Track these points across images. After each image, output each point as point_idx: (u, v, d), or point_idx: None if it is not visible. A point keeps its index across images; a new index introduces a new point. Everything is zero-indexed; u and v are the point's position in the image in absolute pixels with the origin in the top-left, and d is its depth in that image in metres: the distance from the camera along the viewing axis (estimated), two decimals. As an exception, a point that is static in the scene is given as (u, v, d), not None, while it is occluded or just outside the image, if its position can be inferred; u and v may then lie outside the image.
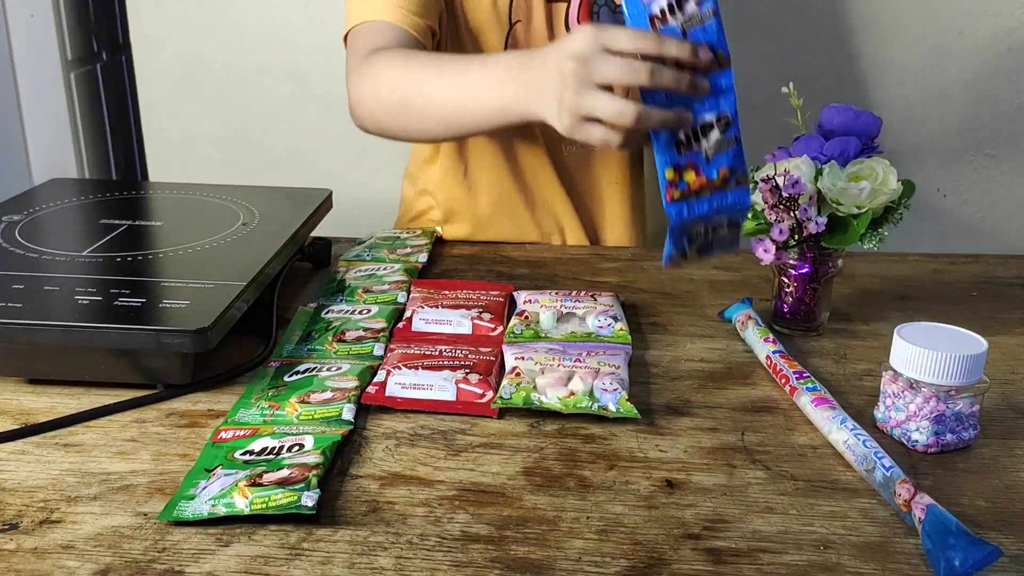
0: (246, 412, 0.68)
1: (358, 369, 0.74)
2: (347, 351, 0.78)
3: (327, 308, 0.86)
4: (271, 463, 0.61)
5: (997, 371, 0.77)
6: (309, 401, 0.69)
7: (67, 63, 1.74)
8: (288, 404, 0.69)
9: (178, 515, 0.57)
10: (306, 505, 0.56)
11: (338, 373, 0.73)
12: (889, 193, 0.78)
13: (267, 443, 0.63)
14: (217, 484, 0.59)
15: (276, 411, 0.68)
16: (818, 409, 0.68)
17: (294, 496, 0.57)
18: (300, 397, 0.70)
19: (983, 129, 1.50)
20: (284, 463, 0.61)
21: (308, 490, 0.58)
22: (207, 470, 0.61)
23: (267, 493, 0.57)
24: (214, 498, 0.57)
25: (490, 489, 0.61)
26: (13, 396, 0.72)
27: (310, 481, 0.58)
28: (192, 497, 0.58)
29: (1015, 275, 1.00)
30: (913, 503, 0.56)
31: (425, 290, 0.89)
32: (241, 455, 0.62)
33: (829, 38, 1.46)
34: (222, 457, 0.62)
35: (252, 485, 0.58)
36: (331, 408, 0.68)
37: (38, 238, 0.87)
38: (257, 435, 0.65)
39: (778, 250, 0.80)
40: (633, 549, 0.55)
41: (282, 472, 0.59)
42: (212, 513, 0.56)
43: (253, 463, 0.61)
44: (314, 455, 0.62)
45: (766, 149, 0.85)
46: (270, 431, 0.65)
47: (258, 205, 0.98)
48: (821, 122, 0.83)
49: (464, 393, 0.71)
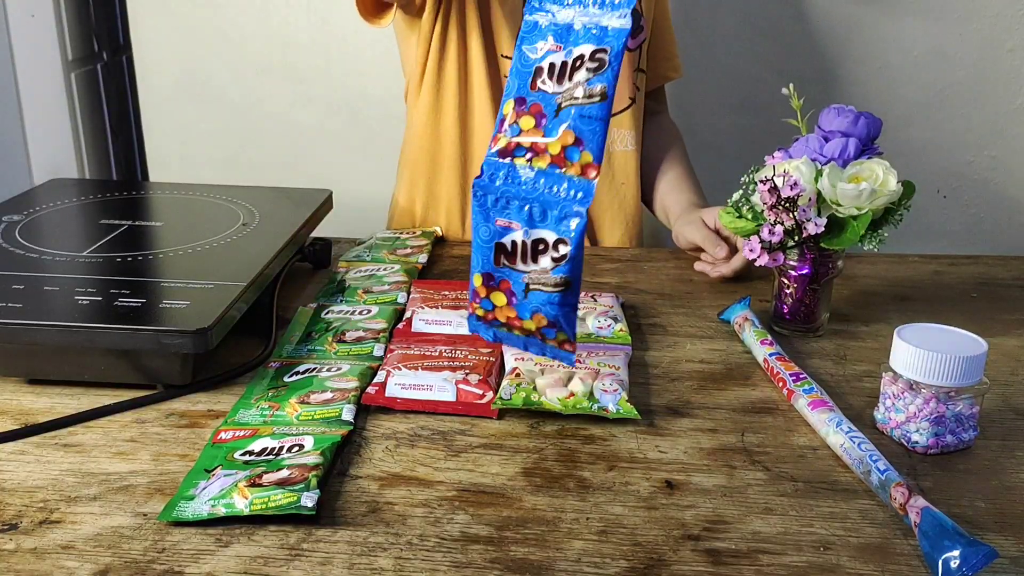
0: (246, 412, 0.68)
1: (358, 370, 0.74)
2: (347, 351, 0.78)
3: (327, 308, 0.86)
4: (271, 463, 0.61)
5: (997, 372, 0.77)
6: (309, 401, 0.69)
7: (67, 63, 1.74)
8: (288, 405, 0.69)
9: (177, 515, 0.57)
10: (305, 505, 0.56)
11: (338, 373, 0.73)
12: (889, 194, 0.78)
13: (267, 443, 0.63)
14: (217, 484, 0.59)
15: (276, 411, 0.68)
16: (815, 412, 0.68)
17: (294, 496, 0.57)
18: (300, 397, 0.70)
19: (983, 130, 1.50)
20: (284, 463, 0.61)
21: (308, 490, 0.58)
22: (207, 470, 0.61)
23: (267, 494, 0.57)
24: (214, 498, 0.57)
25: (490, 490, 0.61)
26: (13, 396, 0.72)
27: (310, 482, 0.59)
28: (192, 497, 0.58)
29: (1015, 276, 1.00)
30: (908, 506, 0.56)
31: (425, 291, 0.89)
32: (241, 455, 0.62)
33: (829, 39, 1.46)
34: (221, 458, 0.62)
35: (252, 486, 0.58)
36: (331, 408, 0.68)
37: (38, 238, 0.87)
38: (257, 435, 0.65)
39: (775, 251, 0.80)
40: (633, 550, 0.55)
41: (282, 472, 0.60)
42: (212, 514, 0.56)
43: (253, 463, 0.61)
44: (314, 455, 0.62)
45: (766, 150, 0.85)
46: (270, 431, 0.65)
47: (258, 205, 0.98)
48: (821, 123, 0.83)
49: (464, 394, 0.71)
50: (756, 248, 0.79)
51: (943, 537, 0.52)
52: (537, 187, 0.62)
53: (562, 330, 0.63)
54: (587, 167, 0.61)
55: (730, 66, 1.48)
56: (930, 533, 0.53)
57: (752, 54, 1.47)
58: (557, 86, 0.62)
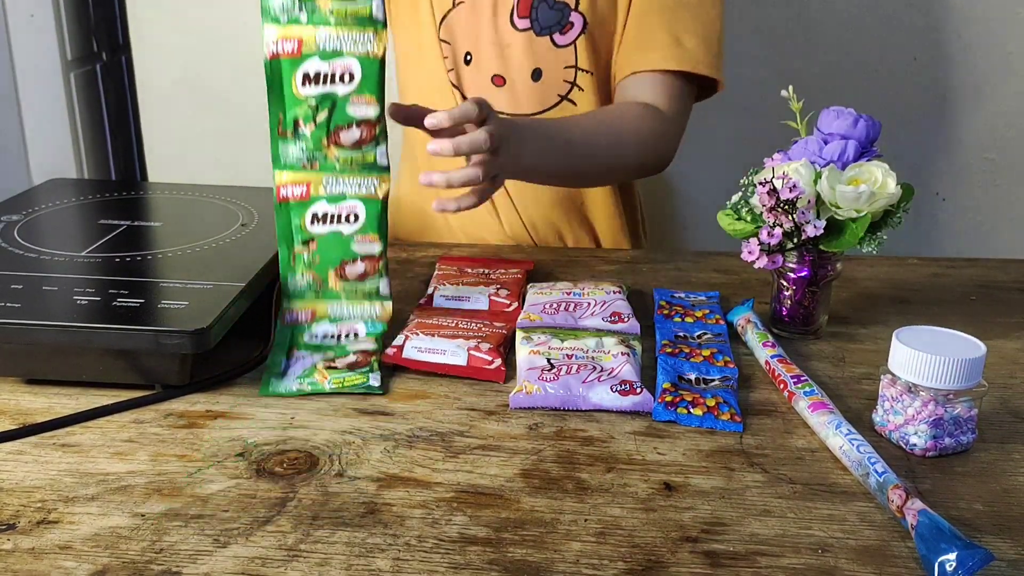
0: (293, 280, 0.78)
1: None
2: (348, 159, 0.76)
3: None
4: (337, 348, 0.76)
5: (995, 375, 0.77)
6: (346, 276, 0.77)
7: (67, 63, 1.74)
8: (330, 277, 0.77)
9: (273, 390, 0.71)
10: (373, 385, 0.72)
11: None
12: (888, 197, 0.78)
13: (327, 329, 0.77)
14: (300, 364, 0.74)
15: (320, 287, 0.78)
16: (815, 414, 0.68)
17: (363, 378, 0.72)
18: (337, 269, 0.77)
19: (982, 133, 1.50)
20: (348, 349, 0.76)
21: (372, 372, 0.73)
22: (284, 352, 0.75)
23: (341, 375, 0.72)
24: (299, 377, 0.72)
25: (488, 491, 0.61)
26: (11, 396, 0.72)
27: (372, 365, 0.74)
28: (280, 375, 0.72)
29: (1014, 279, 1.00)
30: (905, 509, 0.56)
31: (448, 268, 0.95)
32: (309, 339, 0.76)
33: (829, 42, 1.47)
34: (295, 339, 0.76)
35: (328, 368, 0.73)
36: (367, 285, 0.78)
37: (37, 238, 0.87)
38: (316, 318, 0.77)
39: (774, 254, 0.80)
40: (631, 552, 0.55)
41: (350, 358, 0.75)
42: (300, 390, 0.71)
43: (323, 346, 0.76)
44: (369, 342, 0.77)
45: (765, 152, 0.85)
46: (325, 311, 0.77)
47: (257, 206, 0.98)
48: (820, 125, 0.84)
49: (474, 359, 0.75)
50: (755, 250, 0.79)
51: (940, 540, 0.52)
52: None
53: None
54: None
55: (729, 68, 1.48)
56: (927, 536, 0.53)
57: (751, 56, 1.47)
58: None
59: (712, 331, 0.82)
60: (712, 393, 0.71)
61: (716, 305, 0.89)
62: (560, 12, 1.04)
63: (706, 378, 0.74)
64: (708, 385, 0.73)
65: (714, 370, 0.75)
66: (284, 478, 0.61)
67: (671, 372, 0.74)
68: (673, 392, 0.71)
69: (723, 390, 0.72)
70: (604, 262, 1.04)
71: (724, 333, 0.82)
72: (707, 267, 1.02)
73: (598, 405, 0.70)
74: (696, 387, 0.73)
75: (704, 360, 0.76)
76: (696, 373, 0.74)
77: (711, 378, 0.74)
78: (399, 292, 0.93)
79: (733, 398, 0.71)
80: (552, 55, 1.05)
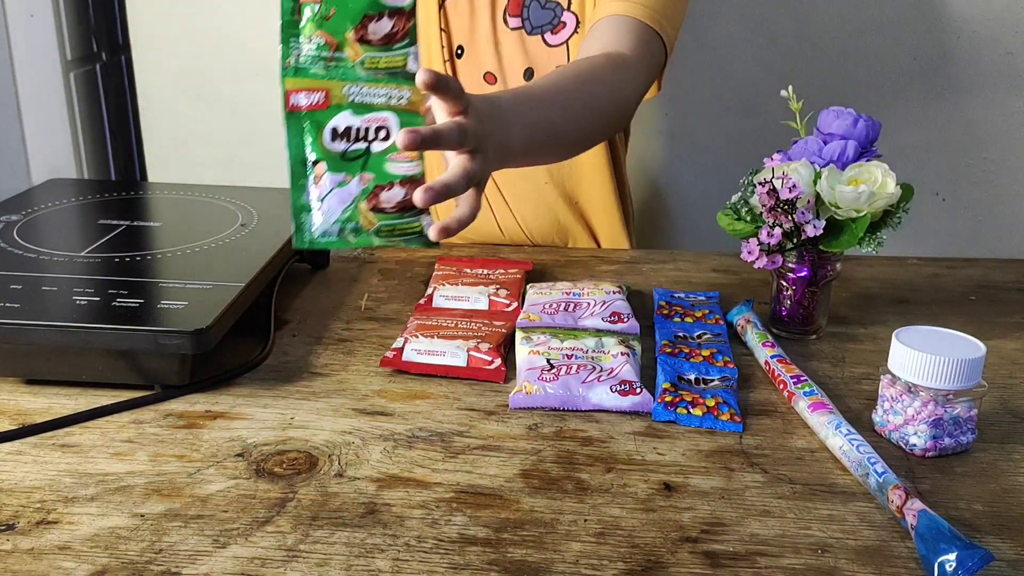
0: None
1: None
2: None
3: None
4: (376, 171, 0.62)
5: (995, 375, 0.77)
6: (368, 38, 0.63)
7: (67, 63, 1.74)
8: (349, 45, 0.62)
9: (311, 239, 0.61)
10: (428, 236, 0.63)
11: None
12: (887, 197, 0.78)
13: (348, 121, 0.62)
14: (335, 198, 0.62)
15: (335, 52, 0.62)
16: (815, 414, 0.68)
17: (417, 225, 0.64)
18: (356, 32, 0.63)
19: (982, 133, 1.50)
20: (390, 176, 0.63)
21: (427, 215, 0.64)
22: (302, 164, 0.62)
23: (392, 222, 0.63)
24: (340, 221, 0.61)
25: (487, 491, 0.60)
26: (11, 396, 0.72)
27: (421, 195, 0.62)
28: (309, 209, 0.61)
29: (1013, 279, 1.00)
30: (905, 509, 0.56)
31: (449, 268, 0.95)
32: (331, 141, 0.62)
33: (828, 41, 1.46)
34: (310, 131, 0.62)
35: (374, 210, 0.62)
36: (395, 55, 0.63)
37: (36, 238, 0.87)
38: (332, 105, 0.62)
39: (773, 254, 0.80)
40: (630, 552, 0.55)
41: (394, 191, 0.63)
42: (343, 240, 0.62)
43: (350, 155, 0.62)
44: (415, 164, 0.64)
45: (764, 152, 0.85)
46: (341, 94, 0.62)
47: (257, 206, 0.98)
48: (820, 125, 0.84)
49: (474, 360, 0.75)
50: (755, 250, 0.79)
51: (939, 540, 0.52)
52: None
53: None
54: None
55: (729, 68, 1.48)
56: (926, 536, 0.53)
57: (751, 56, 1.47)
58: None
59: (712, 331, 0.82)
60: (712, 393, 0.71)
61: (716, 305, 0.89)
62: (552, 12, 1.04)
63: (706, 378, 0.74)
64: (708, 385, 0.73)
65: (714, 370, 0.75)
66: (283, 478, 0.61)
67: (671, 372, 0.74)
68: (673, 392, 0.71)
69: (723, 390, 0.72)
70: (604, 262, 1.04)
71: (724, 333, 0.82)
72: (707, 267, 1.03)
73: (598, 405, 0.70)
74: (696, 387, 0.73)
75: (704, 360, 0.76)
76: (696, 373, 0.74)
77: (711, 378, 0.74)
78: (399, 292, 0.93)
79: (733, 398, 0.71)
80: (544, 55, 1.05)
